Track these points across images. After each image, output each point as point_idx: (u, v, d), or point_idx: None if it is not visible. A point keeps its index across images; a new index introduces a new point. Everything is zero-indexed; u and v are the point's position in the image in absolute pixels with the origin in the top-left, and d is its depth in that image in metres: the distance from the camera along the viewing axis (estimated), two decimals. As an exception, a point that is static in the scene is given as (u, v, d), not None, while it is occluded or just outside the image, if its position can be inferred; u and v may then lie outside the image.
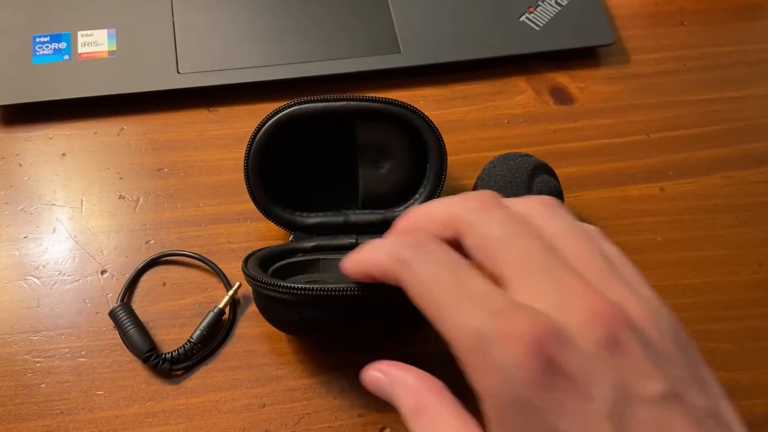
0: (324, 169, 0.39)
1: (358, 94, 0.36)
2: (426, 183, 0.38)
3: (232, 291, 0.37)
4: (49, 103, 0.42)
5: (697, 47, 0.49)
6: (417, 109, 0.37)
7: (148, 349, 0.35)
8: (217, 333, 0.37)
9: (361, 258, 0.25)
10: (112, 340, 0.36)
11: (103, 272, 0.39)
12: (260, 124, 0.36)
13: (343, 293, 0.30)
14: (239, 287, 0.38)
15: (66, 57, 0.44)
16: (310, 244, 0.37)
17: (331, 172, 0.39)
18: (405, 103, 0.36)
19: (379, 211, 0.39)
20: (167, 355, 0.35)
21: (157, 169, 0.42)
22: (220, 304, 0.37)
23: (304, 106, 0.36)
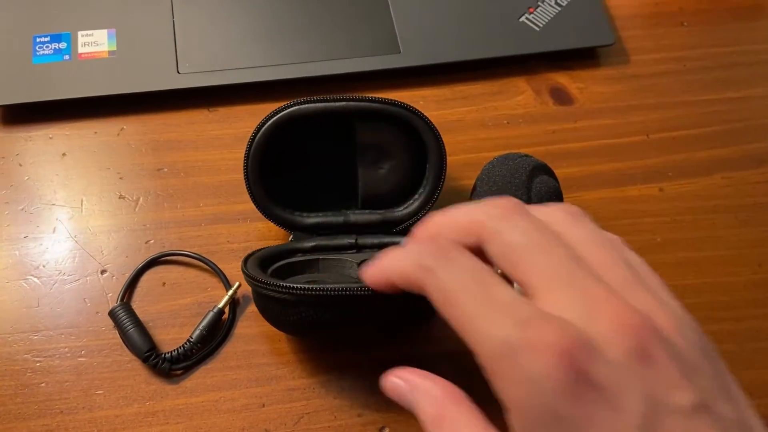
0: (323, 169, 0.39)
1: (358, 95, 0.37)
2: (425, 183, 0.38)
3: (232, 291, 0.37)
4: (49, 103, 0.43)
5: (697, 48, 0.49)
6: (416, 110, 0.37)
7: (148, 349, 0.35)
8: (216, 333, 0.37)
9: (382, 266, 0.24)
10: (112, 340, 0.37)
11: (103, 272, 0.39)
12: (260, 124, 0.36)
13: (343, 293, 0.30)
14: (239, 287, 0.38)
15: (66, 57, 0.44)
16: (310, 244, 0.37)
17: (331, 173, 0.39)
18: (404, 104, 0.37)
19: (379, 211, 0.39)
20: (167, 355, 0.36)
21: (157, 169, 0.42)
22: (220, 304, 0.37)
23: (304, 107, 0.36)
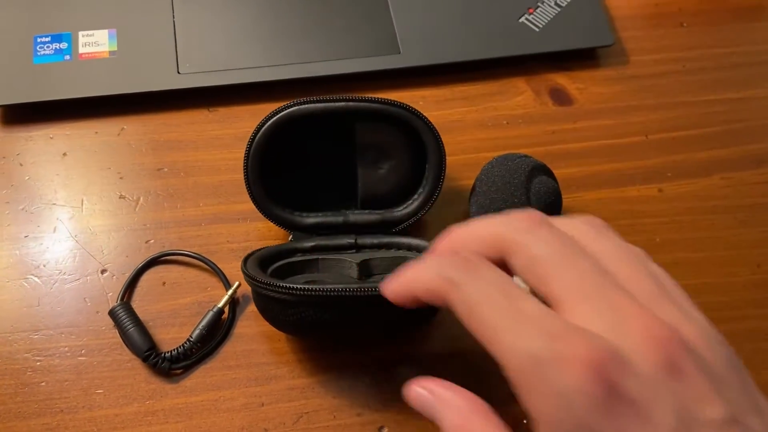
0: (323, 169, 0.39)
1: (358, 95, 0.37)
2: (425, 183, 0.38)
3: (232, 290, 0.37)
4: (49, 103, 0.43)
5: (697, 48, 0.50)
6: (416, 110, 0.37)
7: (148, 348, 0.36)
8: (216, 332, 0.37)
9: (405, 280, 0.24)
10: (112, 339, 0.37)
11: (103, 271, 0.39)
12: (260, 125, 0.36)
13: (342, 293, 0.30)
14: (238, 287, 0.38)
15: (67, 57, 0.44)
16: (310, 244, 0.37)
17: (331, 173, 0.39)
18: (404, 104, 0.37)
19: (378, 212, 0.39)
20: (167, 354, 0.36)
21: (158, 169, 0.42)
22: (220, 304, 0.37)
23: (304, 107, 0.36)
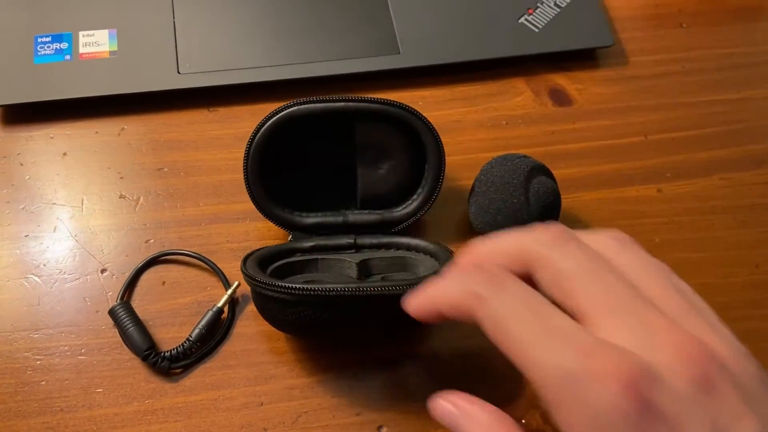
0: (323, 169, 0.39)
1: (358, 95, 0.37)
2: (424, 184, 0.38)
3: (231, 290, 0.37)
4: (50, 103, 0.43)
5: (696, 49, 0.50)
6: (415, 111, 0.37)
7: (148, 348, 0.36)
8: (215, 332, 0.37)
9: (429, 296, 0.24)
10: (112, 339, 0.37)
11: (103, 271, 0.39)
12: (260, 125, 0.36)
13: (341, 293, 0.30)
14: (238, 286, 0.38)
15: (67, 57, 0.44)
16: (309, 244, 0.37)
17: (330, 173, 0.39)
18: (404, 105, 0.37)
19: (378, 212, 0.39)
20: (166, 354, 0.36)
21: (158, 169, 0.42)
22: (219, 303, 0.37)
23: (304, 107, 0.36)
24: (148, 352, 0.36)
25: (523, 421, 0.35)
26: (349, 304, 0.31)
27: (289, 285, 0.31)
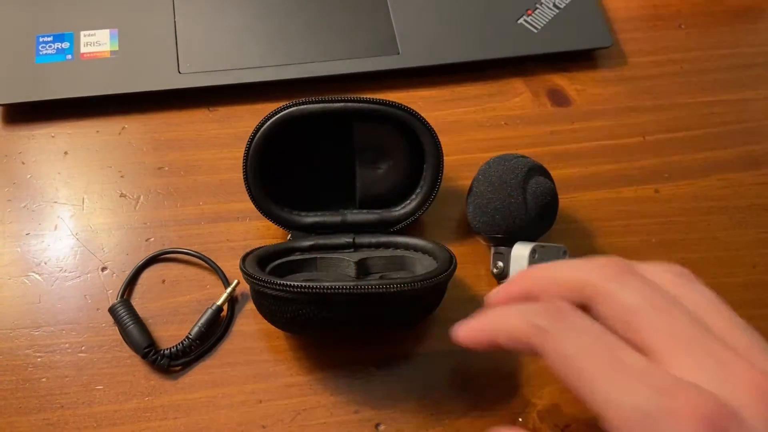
0: (322, 169, 0.40)
1: (357, 95, 0.37)
2: (422, 184, 0.38)
3: (230, 288, 0.38)
4: (51, 102, 0.43)
5: (695, 50, 0.50)
6: (414, 111, 0.37)
7: (147, 345, 0.36)
8: (215, 330, 0.37)
9: (485, 325, 0.24)
10: (112, 336, 0.37)
11: (103, 269, 0.39)
12: (259, 124, 0.37)
13: (339, 291, 0.30)
14: (237, 285, 0.38)
15: (69, 57, 0.44)
16: (308, 243, 0.38)
17: (329, 172, 0.40)
18: (402, 105, 0.37)
19: (376, 211, 0.39)
20: (166, 351, 0.36)
21: (158, 168, 0.43)
22: (219, 302, 0.37)
23: (303, 107, 0.36)
24: (147, 349, 0.36)
25: (520, 420, 0.36)
26: (347, 302, 0.31)
27: (288, 283, 0.31)
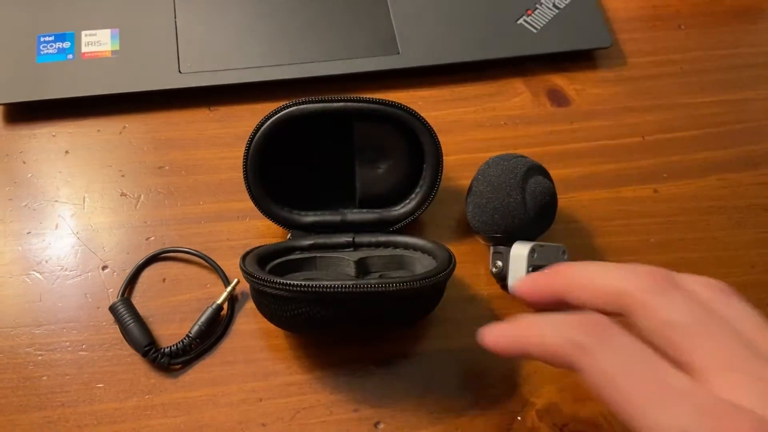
0: (322, 168, 0.40)
1: (357, 95, 0.37)
2: (422, 183, 0.38)
3: (231, 287, 0.38)
4: (52, 102, 0.43)
5: (694, 50, 0.50)
6: (414, 111, 0.37)
7: (148, 344, 0.36)
8: (215, 328, 0.37)
9: (517, 334, 0.23)
10: (113, 335, 0.37)
11: (104, 268, 0.39)
12: (259, 124, 0.37)
13: (338, 290, 0.31)
14: (237, 284, 0.38)
15: (70, 56, 0.44)
16: (308, 242, 0.38)
17: (329, 172, 0.40)
18: (402, 105, 0.37)
19: (376, 211, 0.39)
20: (166, 350, 0.36)
21: (159, 167, 0.43)
22: (219, 300, 0.37)
23: (303, 107, 0.37)
24: (148, 348, 0.36)
25: (519, 419, 0.36)
26: (347, 301, 0.32)
27: (287, 281, 0.31)
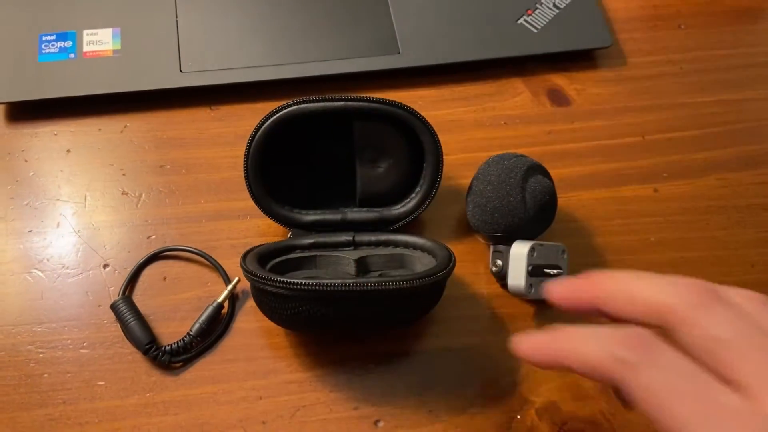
0: (322, 167, 0.40)
1: (357, 95, 0.37)
2: (422, 182, 0.39)
3: (231, 286, 0.38)
4: (54, 101, 0.43)
5: (694, 50, 0.50)
6: (414, 110, 0.37)
7: (149, 342, 0.36)
8: (215, 327, 0.38)
9: (556, 344, 0.23)
10: (114, 333, 0.37)
11: (105, 266, 0.39)
12: (260, 123, 0.37)
13: (338, 288, 0.31)
14: (238, 282, 0.38)
15: (71, 55, 0.45)
16: (308, 241, 0.38)
17: (330, 171, 0.40)
18: (402, 104, 0.37)
19: (376, 209, 0.39)
20: (167, 348, 0.36)
21: (160, 166, 0.43)
22: (219, 299, 0.38)
23: (304, 106, 0.37)
24: (149, 346, 0.36)
25: (518, 417, 0.36)
26: (347, 300, 0.32)
27: (288, 280, 0.31)
